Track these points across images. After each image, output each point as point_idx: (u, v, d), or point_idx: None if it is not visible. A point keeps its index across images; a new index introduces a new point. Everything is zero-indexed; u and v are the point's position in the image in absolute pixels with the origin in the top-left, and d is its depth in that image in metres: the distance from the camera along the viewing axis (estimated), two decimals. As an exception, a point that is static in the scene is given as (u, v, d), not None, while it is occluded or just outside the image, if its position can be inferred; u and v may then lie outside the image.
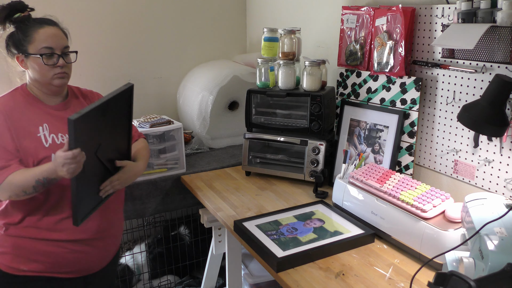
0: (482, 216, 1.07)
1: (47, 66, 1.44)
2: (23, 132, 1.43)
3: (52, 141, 1.47)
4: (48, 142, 1.46)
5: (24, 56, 1.44)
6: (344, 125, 1.91)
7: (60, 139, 1.48)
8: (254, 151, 2.01)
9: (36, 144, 1.44)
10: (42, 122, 1.47)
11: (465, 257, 1.03)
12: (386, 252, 1.40)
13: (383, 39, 1.68)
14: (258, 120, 2.00)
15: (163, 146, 2.09)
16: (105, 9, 2.46)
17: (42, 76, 1.45)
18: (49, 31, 1.46)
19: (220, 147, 2.48)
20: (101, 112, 1.33)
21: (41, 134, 1.46)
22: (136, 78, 2.57)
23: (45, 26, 1.46)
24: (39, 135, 1.45)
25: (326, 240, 1.40)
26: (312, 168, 1.86)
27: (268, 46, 1.98)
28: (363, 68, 1.82)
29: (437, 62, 1.56)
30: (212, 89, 2.33)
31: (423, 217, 1.32)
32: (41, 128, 1.46)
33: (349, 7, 1.85)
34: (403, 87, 1.67)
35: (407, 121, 1.67)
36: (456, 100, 1.52)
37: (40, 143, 1.45)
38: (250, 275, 2.16)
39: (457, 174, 1.54)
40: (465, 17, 1.36)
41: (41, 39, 1.44)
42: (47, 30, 1.46)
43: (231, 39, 2.86)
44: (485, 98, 1.21)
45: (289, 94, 1.89)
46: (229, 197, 1.80)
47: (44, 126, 1.47)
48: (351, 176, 1.59)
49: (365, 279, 1.25)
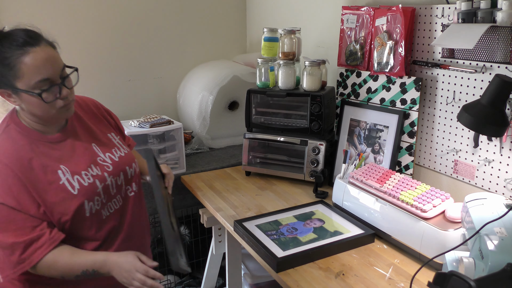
0: (482, 216, 1.07)
1: (48, 103, 1.15)
2: (42, 184, 1.16)
3: (80, 185, 1.22)
4: (75, 188, 1.21)
5: (12, 91, 1.13)
6: (344, 125, 1.91)
7: (87, 179, 1.24)
8: (254, 151, 2.01)
9: (63, 195, 1.18)
10: (58, 164, 1.21)
11: (465, 257, 1.03)
12: (386, 252, 1.40)
13: (383, 39, 1.68)
14: (258, 120, 2.00)
15: (163, 146, 2.09)
16: (105, 9, 2.46)
17: (44, 114, 1.18)
18: (38, 56, 1.11)
19: (220, 147, 2.48)
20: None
21: (64, 180, 1.20)
22: (136, 78, 2.57)
23: (29, 50, 1.10)
24: (62, 182, 1.19)
25: (326, 240, 1.40)
26: (312, 168, 1.86)
27: (268, 46, 1.98)
28: (363, 68, 1.82)
29: (437, 62, 1.56)
30: (212, 89, 2.33)
31: (423, 217, 1.32)
32: (61, 173, 1.20)
33: (349, 7, 1.85)
34: (403, 87, 1.67)
35: (407, 121, 1.67)
36: (456, 100, 1.52)
37: (68, 192, 1.19)
38: (250, 275, 2.16)
39: (457, 174, 1.54)
40: (465, 17, 1.36)
41: (32, 71, 1.10)
42: (35, 56, 1.10)
43: (231, 39, 2.86)
44: (485, 98, 1.21)
45: (289, 94, 1.89)
46: (229, 197, 1.80)
47: (63, 169, 1.21)
48: (351, 176, 1.59)
49: (365, 279, 1.25)
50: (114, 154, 1.37)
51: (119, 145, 1.42)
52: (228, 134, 2.51)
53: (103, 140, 1.37)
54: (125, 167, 1.37)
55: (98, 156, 1.31)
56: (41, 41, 1.14)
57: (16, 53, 1.09)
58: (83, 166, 1.25)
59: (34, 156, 1.18)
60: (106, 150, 1.35)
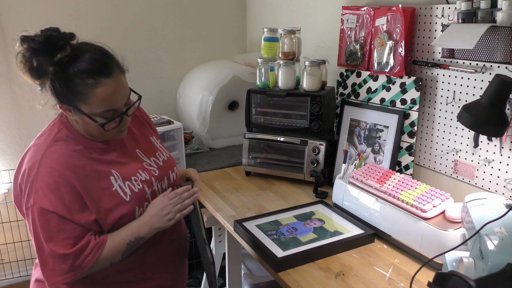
0: (482, 216, 1.07)
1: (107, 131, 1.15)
2: (96, 191, 1.14)
3: (131, 191, 1.20)
4: (127, 194, 1.18)
5: (74, 110, 1.12)
6: (344, 125, 1.91)
7: (137, 185, 1.21)
8: (254, 151, 2.01)
9: (116, 201, 1.16)
10: (109, 169, 1.18)
11: (465, 257, 1.03)
12: (386, 252, 1.40)
13: (383, 39, 1.68)
14: (258, 120, 2.00)
15: (163, 146, 2.09)
16: (105, 9, 2.46)
17: (99, 136, 1.18)
18: (109, 88, 1.09)
19: (220, 147, 2.48)
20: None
21: (116, 186, 1.17)
22: (136, 78, 2.57)
23: (102, 82, 1.07)
24: (114, 189, 1.17)
25: (326, 240, 1.40)
26: (312, 168, 1.86)
27: (268, 46, 1.98)
28: (363, 68, 1.82)
29: (437, 62, 1.56)
30: (212, 89, 2.33)
31: (423, 217, 1.32)
32: (113, 179, 1.17)
33: (349, 7, 1.85)
34: (403, 87, 1.67)
35: (407, 121, 1.67)
36: (456, 100, 1.52)
37: (120, 199, 1.17)
38: (250, 275, 2.16)
39: (457, 174, 1.54)
40: (465, 17, 1.36)
41: (100, 102, 1.09)
42: (107, 89, 1.08)
43: (231, 39, 2.86)
44: (485, 98, 1.21)
45: (289, 94, 1.89)
46: (229, 197, 1.80)
47: (115, 174, 1.18)
48: (351, 176, 1.59)
49: (365, 279, 1.25)
50: (158, 158, 1.34)
51: (161, 149, 1.39)
52: (228, 134, 2.51)
53: (146, 145, 1.34)
54: (168, 171, 1.34)
55: (144, 161, 1.29)
56: (114, 69, 1.11)
57: (88, 82, 1.07)
58: (132, 172, 1.22)
59: (87, 163, 1.15)
60: (150, 154, 1.32)
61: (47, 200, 1.08)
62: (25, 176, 1.12)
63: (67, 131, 1.17)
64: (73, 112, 1.12)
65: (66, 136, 1.16)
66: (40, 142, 1.16)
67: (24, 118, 2.40)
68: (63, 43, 1.07)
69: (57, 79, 1.07)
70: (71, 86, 1.07)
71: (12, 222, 2.53)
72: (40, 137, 1.19)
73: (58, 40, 1.06)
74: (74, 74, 1.07)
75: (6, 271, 2.61)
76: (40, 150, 1.14)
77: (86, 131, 1.18)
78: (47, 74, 1.07)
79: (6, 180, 2.47)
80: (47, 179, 1.10)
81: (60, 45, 1.06)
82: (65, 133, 1.17)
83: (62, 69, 1.07)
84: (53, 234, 1.09)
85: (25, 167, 1.14)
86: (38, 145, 1.16)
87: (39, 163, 1.11)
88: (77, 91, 1.07)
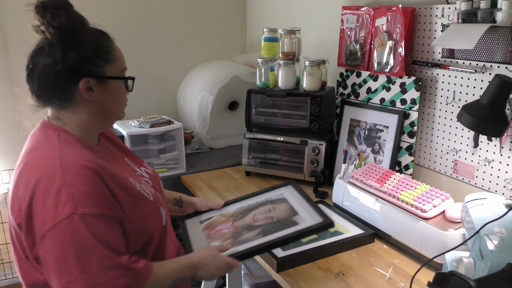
0: (482, 216, 1.07)
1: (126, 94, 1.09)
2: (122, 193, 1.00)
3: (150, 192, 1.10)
4: (149, 195, 1.09)
5: (99, 81, 1.01)
6: (344, 125, 1.91)
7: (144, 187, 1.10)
8: (254, 151, 2.01)
9: (143, 202, 1.06)
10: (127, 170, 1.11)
11: (465, 257, 1.03)
12: (386, 252, 1.40)
13: (383, 39, 1.68)
14: (258, 120, 2.00)
15: (163, 146, 2.09)
16: (105, 9, 2.46)
17: (118, 108, 1.09)
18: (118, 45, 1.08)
19: (220, 147, 2.48)
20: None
21: (138, 187, 1.07)
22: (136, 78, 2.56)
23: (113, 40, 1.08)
24: (138, 189, 1.06)
25: (326, 240, 1.40)
26: (312, 168, 1.86)
27: (268, 46, 1.98)
28: (363, 68, 1.82)
29: (437, 62, 1.56)
30: (212, 89, 2.33)
31: (423, 217, 1.32)
32: (132, 180, 1.06)
33: (349, 7, 1.85)
34: (403, 87, 1.67)
35: (407, 121, 1.67)
36: (456, 100, 1.52)
37: (146, 200, 1.07)
38: (250, 275, 2.16)
39: (457, 174, 1.54)
40: (465, 17, 1.36)
41: (121, 57, 1.07)
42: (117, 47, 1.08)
43: (231, 39, 2.86)
44: (485, 98, 1.21)
45: (289, 94, 1.89)
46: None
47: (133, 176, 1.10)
48: (351, 176, 1.59)
49: (365, 279, 1.25)
50: (147, 168, 1.24)
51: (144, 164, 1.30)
52: (228, 134, 2.51)
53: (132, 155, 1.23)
54: (158, 181, 1.24)
55: (136, 171, 1.16)
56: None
57: (106, 39, 1.05)
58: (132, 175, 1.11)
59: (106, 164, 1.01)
60: (138, 165, 1.21)
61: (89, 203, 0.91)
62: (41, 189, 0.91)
63: (67, 135, 1.02)
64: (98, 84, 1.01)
65: (71, 138, 1.02)
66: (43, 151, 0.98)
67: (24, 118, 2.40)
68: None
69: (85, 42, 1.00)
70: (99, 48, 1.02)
71: (12, 222, 2.53)
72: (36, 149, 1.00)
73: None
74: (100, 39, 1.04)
75: (6, 271, 2.61)
76: (51, 157, 0.95)
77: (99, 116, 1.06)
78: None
79: (6, 180, 2.47)
80: (82, 180, 0.92)
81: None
82: (67, 136, 1.01)
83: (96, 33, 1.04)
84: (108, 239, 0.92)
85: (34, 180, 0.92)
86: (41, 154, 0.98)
87: (60, 167, 0.92)
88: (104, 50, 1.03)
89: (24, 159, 0.99)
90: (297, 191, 1.41)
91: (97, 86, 1.02)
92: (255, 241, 1.19)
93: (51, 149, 0.97)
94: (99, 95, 1.02)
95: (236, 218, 1.35)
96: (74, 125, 1.03)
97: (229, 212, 1.40)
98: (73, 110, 1.02)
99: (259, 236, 1.21)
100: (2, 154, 2.44)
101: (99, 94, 1.02)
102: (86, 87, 1.00)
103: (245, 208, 1.40)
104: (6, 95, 2.35)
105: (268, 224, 1.26)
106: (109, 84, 1.03)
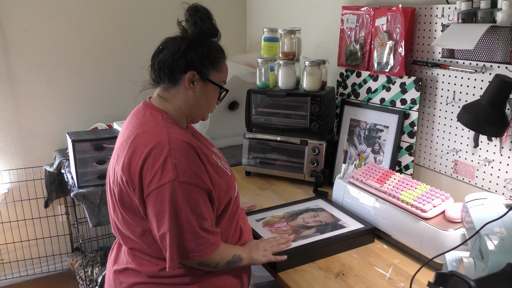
0: (482, 216, 1.07)
1: (215, 102, 1.27)
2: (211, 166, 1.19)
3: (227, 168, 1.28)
4: (228, 169, 1.27)
5: (201, 78, 1.21)
6: (344, 125, 1.91)
7: (223, 163, 1.28)
8: (254, 151, 2.01)
9: (225, 175, 1.23)
10: (210, 149, 1.26)
11: (465, 257, 1.03)
12: (386, 252, 1.40)
13: (383, 39, 1.68)
14: (258, 120, 2.00)
15: (163, 146, 2.09)
16: (105, 9, 2.46)
17: (206, 109, 1.27)
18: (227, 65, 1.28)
19: (220, 147, 2.48)
20: None
21: (220, 163, 1.24)
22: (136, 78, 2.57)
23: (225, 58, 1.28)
24: (220, 165, 1.24)
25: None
26: (312, 168, 1.86)
27: (268, 46, 1.98)
28: (363, 68, 1.82)
29: (437, 62, 1.56)
30: (212, 89, 2.33)
31: (423, 217, 1.32)
32: (214, 157, 1.24)
33: (349, 7, 1.85)
34: (403, 87, 1.67)
35: (407, 121, 1.67)
36: (456, 100, 1.52)
37: (226, 174, 1.24)
38: (250, 275, 2.16)
39: (457, 174, 1.54)
40: (465, 17, 1.37)
41: (225, 72, 1.27)
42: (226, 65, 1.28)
43: (231, 39, 2.86)
44: (485, 98, 1.21)
45: (289, 94, 1.89)
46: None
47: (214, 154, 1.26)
48: (351, 176, 1.59)
49: (365, 279, 1.25)
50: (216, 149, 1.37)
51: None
52: (228, 134, 2.51)
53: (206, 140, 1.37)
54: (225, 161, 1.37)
55: (213, 151, 1.30)
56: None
57: (223, 54, 1.26)
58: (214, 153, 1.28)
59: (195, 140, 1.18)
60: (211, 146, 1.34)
61: (188, 173, 1.09)
62: (151, 157, 1.09)
63: (168, 117, 1.20)
64: (199, 81, 1.20)
65: (171, 119, 1.20)
66: (152, 126, 1.16)
67: (24, 118, 2.40)
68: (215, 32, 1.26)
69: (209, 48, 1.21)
70: (212, 54, 1.21)
71: (12, 222, 2.53)
72: (145, 125, 1.17)
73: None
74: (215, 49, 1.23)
75: (6, 271, 2.61)
76: (160, 131, 1.13)
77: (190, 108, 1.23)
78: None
79: (6, 180, 2.47)
80: (184, 153, 1.10)
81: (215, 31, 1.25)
82: (168, 118, 1.19)
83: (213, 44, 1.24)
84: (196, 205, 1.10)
85: (148, 149, 1.10)
86: (151, 129, 1.15)
87: (168, 141, 1.10)
88: (217, 60, 1.23)
89: (135, 132, 1.17)
90: (328, 203, 1.65)
91: (198, 82, 1.20)
92: (315, 237, 1.39)
93: (159, 126, 1.15)
94: (197, 90, 1.21)
95: (288, 220, 1.53)
96: (172, 108, 1.22)
97: (278, 215, 1.58)
98: (174, 93, 1.21)
99: (317, 234, 1.42)
100: (2, 154, 2.44)
101: (197, 89, 1.21)
102: (190, 79, 1.19)
103: (291, 213, 1.58)
104: (6, 95, 2.35)
105: (321, 226, 1.47)
106: (208, 85, 1.22)
